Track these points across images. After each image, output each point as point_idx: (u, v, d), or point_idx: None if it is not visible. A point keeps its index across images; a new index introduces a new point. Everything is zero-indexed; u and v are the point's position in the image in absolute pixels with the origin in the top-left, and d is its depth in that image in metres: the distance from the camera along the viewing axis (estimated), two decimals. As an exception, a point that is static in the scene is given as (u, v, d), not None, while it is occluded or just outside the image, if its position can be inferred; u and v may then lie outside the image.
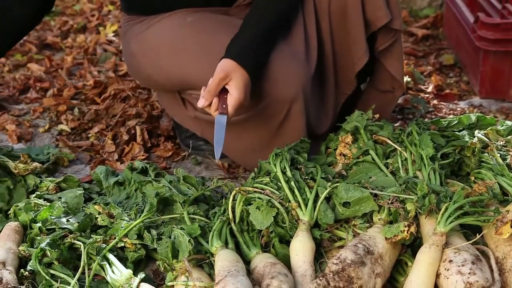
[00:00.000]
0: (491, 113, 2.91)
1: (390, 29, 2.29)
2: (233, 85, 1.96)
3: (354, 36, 2.26)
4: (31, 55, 3.89)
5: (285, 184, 1.87)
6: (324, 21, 2.25)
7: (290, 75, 2.12)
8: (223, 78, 1.96)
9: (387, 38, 2.31)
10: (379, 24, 2.24)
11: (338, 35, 2.28)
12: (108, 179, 2.26)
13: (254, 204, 1.85)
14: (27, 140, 2.82)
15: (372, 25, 2.26)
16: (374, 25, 2.25)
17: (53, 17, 4.73)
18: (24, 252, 1.87)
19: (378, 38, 2.32)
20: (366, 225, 1.80)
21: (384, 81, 2.45)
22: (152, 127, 2.82)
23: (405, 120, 2.88)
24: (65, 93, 3.26)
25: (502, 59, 2.96)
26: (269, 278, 1.60)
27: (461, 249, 1.61)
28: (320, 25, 2.26)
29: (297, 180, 1.90)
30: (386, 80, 2.44)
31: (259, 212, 1.82)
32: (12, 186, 2.20)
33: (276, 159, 1.96)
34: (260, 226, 1.81)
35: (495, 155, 2.01)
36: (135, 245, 1.88)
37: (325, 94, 2.36)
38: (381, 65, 2.40)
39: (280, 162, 1.94)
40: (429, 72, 3.47)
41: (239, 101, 1.97)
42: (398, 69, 2.40)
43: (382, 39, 2.32)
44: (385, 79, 2.44)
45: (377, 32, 2.29)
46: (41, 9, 2.31)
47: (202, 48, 2.20)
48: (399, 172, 1.95)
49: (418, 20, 4.29)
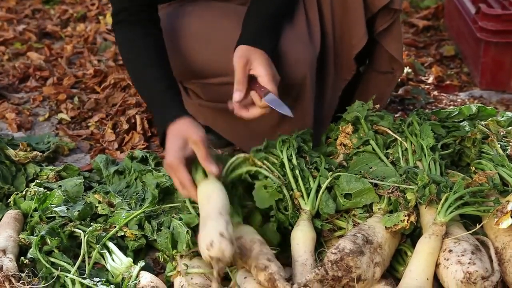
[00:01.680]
0: (491, 104, 2.91)
1: (390, 10, 2.28)
2: (258, 66, 1.90)
3: (354, 17, 2.24)
4: (31, 43, 3.89)
5: (290, 172, 1.87)
6: (326, 3, 2.24)
7: (297, 58, 2.11)
8: (245, 63, 1.90)
9: (386, 18, 2.30)
10: (379, 4, 2.23)
11: (338, 17, 2.27)
12: (108, 168, 2.26)
13: (262, 181, 1.84)
14: (27, 129, 2.82)
15: (372, 6, 2.24)
16: (374, 6, 2.24)
17: (53, 6, 4.72)
18: (25, 240, 1.88)
19: (378, 19, 2.31)
20: (366, 215, 1.80)
21: (383, 62, 2.44)
22: (152, 116, 2.82)
23: (406, 111, 2.88)
24: (65, 82, 3.26)
25: (503, 50, 2.95)
26: (265, 259, 1.61)
27: (460, 239, 1.62)
28: (322, 8, 2.25)
29: (302, 169, 1.89)
30: (385, 61, 2.43)
31: (265, 191, 1.81)
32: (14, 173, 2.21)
33: (283, 145, 1.95)
34: (261, 205, 1.81)
35: (495, 146, 2.00)
36: (135, 235, 1.88)
37: (324, 80, 2.35)
38: (380, 46, 2.39)
39: (287, 149, 1.94)
40: (429, 63, 3.47)
41: (271, 75, 1.90)
42: (398, 49, 2.39)
43: (381, 20, 2.31)
44: (384, 60, 2.43)
45: (376, 13, 2.28)
46: None
47: (204, 35, 2.19)
48: (399, 162, 1.95)
49: (419, 11, 4.27)
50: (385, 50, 2.38)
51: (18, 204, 2.06)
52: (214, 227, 1.54)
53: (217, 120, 2.40)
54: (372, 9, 2.25)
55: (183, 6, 2.27)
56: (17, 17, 4.44)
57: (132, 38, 2.04)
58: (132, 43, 2.04)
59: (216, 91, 2.22)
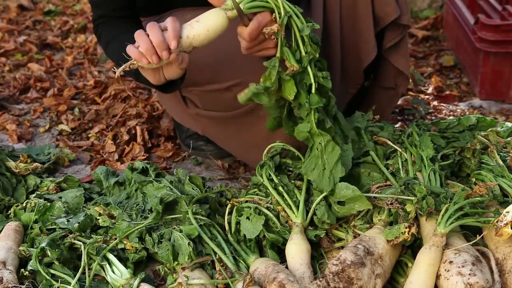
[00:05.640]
0: (491, 115, 2.91)
1: (398, 25, 2.29)
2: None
3: (362, 31, 2.26)
4: (32, 55, 3.90)
5: (273, 190, 1.89)
6: (335, 16, 2.25)
7: None
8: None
9: (395, 34, 2.32)
10: (388, 19, 2.24)
11: (347, 30, 2.28)
12: (108, 179, 2.26)
13: (244, 214, 1.87)
14: (27, 140, 2.83)
15: (381, 21, 2.26)
16: (383, 20, 2.26)
17: (54, 17, 4.74)
18: (25, 252, 1.88)
19: (387, 35, 2.33)
20: (366, 226, 1.80)
21: (388, 77, 2.46)
22: (153, 127, 2.83)
23: (405, 121, 2.89)
24: (65, 93, 3.27)
25: (502, 60, 2.96)
26: (275, 273, 1.62)
27: (461, 250, 1.62)
28: (330, 20, 2.26)
29: (285, 184, 1.91)
30: (391, 76, 2.45)
31: (249, 222, 1.84)
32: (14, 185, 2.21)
33: (262, 169, 1.98)
34: (250, 235, 1.83)
35: (495, 156, 2.01)
36: (136, 248, 1.88)
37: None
38: (386, 61, 2.41)
39: (265, 171, 1.96)
40: (429, 73, 3.48)
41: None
42: (405, 64, 2.41)
43: (390, 36, 2.32)
44: (390, 75, 2.45)
45: (385, 29, 2.30)
46: None
47: None
48: (399, 173, 1.95)
49: (418, 21, 4.29)
50: (391, 65, 2.40)
51: (18, 216, 2.06)
52: None
53: (214, 130, 2.41)
54: (381, 23, 2.27)
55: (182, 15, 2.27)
56: (18, 28, 4.45)
57: (114, 25, 2.09)
58: (113, 27, 2.08)
59: (213, 98, 2.23)
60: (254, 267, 1.72)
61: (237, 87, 2.11)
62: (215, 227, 1.90)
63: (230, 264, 1.74)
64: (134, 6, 2.16)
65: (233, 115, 2.18)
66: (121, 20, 2.12)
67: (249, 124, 2.23)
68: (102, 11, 2.14)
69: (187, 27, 1.75)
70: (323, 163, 1.83)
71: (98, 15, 2.15)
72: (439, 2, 4.42)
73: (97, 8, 2.15)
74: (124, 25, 2.10)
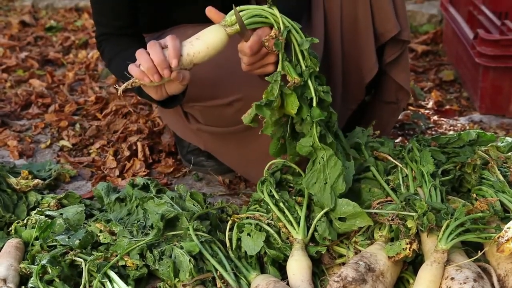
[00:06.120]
0: (491, 129, 2.92)
1: (398, 41, 2.30)
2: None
3: (364, 47, 2.27)
4: (33, 70, 3.92)
5: (273, 206, 1.89)
6: (336, 32, 2.26)
7: None
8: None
9: (395, 49, 2.33)
10: (389, 35, 2.26)
11: (348, 46, 2.29)
12: (109, 196, 2.26)
13: (245, 230, 1.87)
14: (28, 156, 2.83)
15: (382, 37, 2.27)
16: (384, 36, 2.27)
17: (55, 33, 4.77)
18: (25, 269, 1.87)
19: (387, 50, 2.34)
20: (367, 242, 1.80)
21: (390, 92, 2.47)
22: (153, 143, 2.83)
23: (406, 136, 2.89)
24: (66, 109, 3.28)
25: (502, 75, 2.97)
26: None
27: (462, 266, 1.61)
28: (331, 36, 2.27)
29: (286, 200, 1.91)
30: (392, 91, 2.46)
31: (250, 238, 1.84)
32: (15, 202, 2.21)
33: (263, 185, 1.98)
34: (251, 252, 1.82)
35: (495, 171, 2.01)
36: (137, 265, 1.88)
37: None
38: (387, 76, 2.41)
39: (266, 187, 1.96)
40: (429, 88, 3.49)
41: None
42: (406, 79, 2.42)
43: (390, 51, 2.34)
44: (391, 90, 2.46)
45: (385, 44, 2.31)
46: None
47: None
48: (400, 188, 1.96)
49: (418, 36, 4.31)
50: (392, 80, 2.41)
51: (19, 233, 2.06)
52: None
53: (216, 146, 2.41)
54: (381, 39, 2.28)
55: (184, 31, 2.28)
56: (20, 44, 4.48)
57: (116, 43, 2.11)
58: (115, 45, 2.10)
59: (214, 114, 2.23)
60: (255, 284, 1.72)
61: (239, 102, 2.12)
62: (216, 244, 1.90)
63: (231, 281, 1.74)
64: (137, 24, 2.17)
65: (235, 130, 2.19)
66: (124, 37, 2.14)
67: (250, 140, 2.24)
68: (105, 29, 2.16)
69: (187, 45, 1.77)
70: (325, 177, 1.84)
71: (101, 33, 2.17)
72: (439, 17, 4.45)
73: (101, 26, 2.17)
74: (127, 42, 2.12)
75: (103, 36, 2.16)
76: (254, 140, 2.24)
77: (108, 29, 2.15)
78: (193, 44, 1.77)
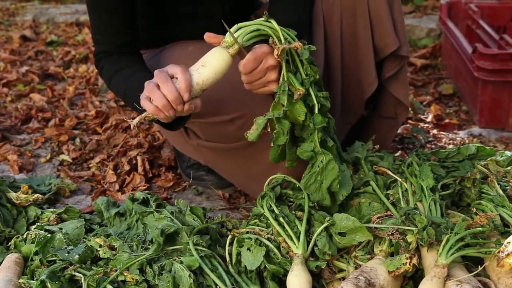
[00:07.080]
0: (490, 143, 2.93)
1: (397, 56, 2.31)
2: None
3: (363, 62, 2.28)
4: (33, 85, 3.93)
5: (273, 221, 1.89)
6: (336, 47, 2.28)
7: None
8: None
9: (394, 64, 2.34)
10: (388, 50, 2.27)
11: (348, 61, 2.30)
12: (109, 210, 2.26)
13: (245, 245, 1.86)
14: (28, 171, 2.83)
15: (381, 52, 2.28)
16: (383, 52, 2.28)
17: (56, 47, 4.79)
18: (25, 284, 1.86)
19: (386, 65, 2.35)
20: (367, 256, 1.80)
21: (388, 107, 2.47)
22: (153, 157, 2.84)
23: (405, 150, 2.90)
24: (66, 123, 3.29)
25: (501, 89, 2.99)
26: None
27: (463, 281, 1.61)
28: (331, 51, 2.28)
29: (286, 214, 1.91)
30: (391, 106, 2.47)
31: (250, 253, 1.83)
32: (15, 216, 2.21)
33: (262, 200, 1.98)
34: (251, 267, 1.82)
35: (495, 186, 2.01)
36: (136, 280, 1.87)
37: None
38: (386, 91, 2.42)
39: (266, 202, 1.97)
40: (428, 101, 3.50)
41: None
42: (405, 94, 2.43)
43: (389, 66, 2.35)
44: (389, 105, 2.46)
45: (384, 59, 2.32)
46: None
47: None
48: (399, 203, 1.96)
49: (417, 50, 4.33)
50: (390, 95, 2.41)
51: (18, 248, 2.06)
52: None
53: (216, 161, 2.42)
54: (380, 54, 2.29)
55: (184, 47, 2.30)
56: (21, 59, 4.50)
57: (116, 61, 2.13)
58: (115, 63, 2.12)
59: (215, 130, 2.24)
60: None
61: (240, 119, 2.12)
62: (216, 258, 1.89)
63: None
64: (136, 42, 2.18)
65: (235, 146, 2.19)
66: (122, 55, 2.14)
67: (251, 156, 2.24)
68: (105, 47, 2.16)
69: (195, 74, 1.79)
70: (322, 179, 1.92)
71: (100, 51, 2.18)
72: (437, 31, 4.47)
73: (100, 44, 2.17)
74: (126, 60, 2.13)
75: (101, 54, 2.17)
76: (254, 155, 2.24)
77: (108, 47, 2.15)
78: (201, 72, 1.79)
